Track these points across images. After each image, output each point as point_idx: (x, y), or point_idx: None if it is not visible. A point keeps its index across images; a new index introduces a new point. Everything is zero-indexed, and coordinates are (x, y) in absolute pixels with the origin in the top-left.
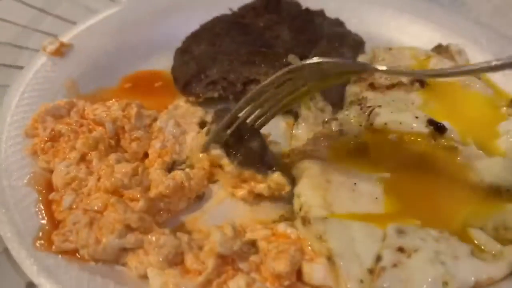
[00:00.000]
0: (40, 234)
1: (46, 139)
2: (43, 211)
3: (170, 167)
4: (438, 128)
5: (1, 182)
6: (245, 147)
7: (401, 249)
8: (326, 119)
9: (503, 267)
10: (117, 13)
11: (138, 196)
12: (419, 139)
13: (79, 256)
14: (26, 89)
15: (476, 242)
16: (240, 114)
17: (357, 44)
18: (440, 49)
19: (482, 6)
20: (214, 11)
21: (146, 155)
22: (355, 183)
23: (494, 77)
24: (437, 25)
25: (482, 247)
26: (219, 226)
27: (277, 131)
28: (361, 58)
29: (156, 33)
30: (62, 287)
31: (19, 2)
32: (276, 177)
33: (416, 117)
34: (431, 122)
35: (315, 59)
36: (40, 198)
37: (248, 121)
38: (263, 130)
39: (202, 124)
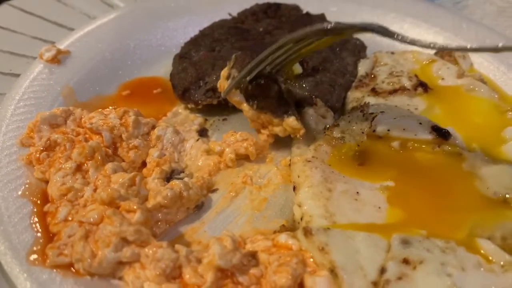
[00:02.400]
0: (34, 247)
1: (42, 148)
2: (37, 224)
3: (169, 176)
4: (442, 134)
5: None
6: (263, 92)
7: (406, 261)
8: (328, 126)
9: None
10: (115, 19)
11: (135, 207)
12: (423, 146)
13: (74, 270)
14: (22, 97)
15: (483, 252)
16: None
17: (358, 48)
18: (443, 53)
19: (485, 8)
20: (213, 16)
21: (144, 164)
22: (357, 192)
23: (499, 81)
24: (440, 28)
25: (490, 258)
26: (218, 238)
27: (278, 138)
28: (363, 63)
29: (154, 39)
30: None
31: (16, 8)
32: (291, 121)
33: (420, 123)
34: (435, 128)
35: (335, 23)
36: (35, 210)
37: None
38: None
39: (201, 132)
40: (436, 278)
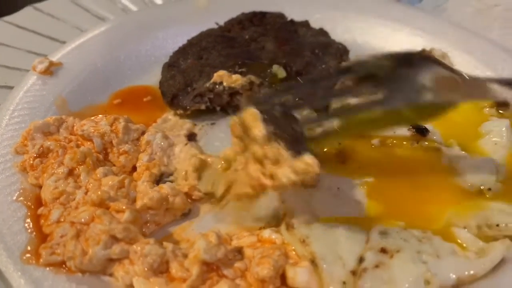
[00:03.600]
0: (29, 247)
1: (35, 155)
2: (31, 226)
3: (159, 179)
4: (420, 131)
5: None
6: (286, 123)
7: (383, 250)
8: (310, 126)
9: (485, 264)
10: (106, 31)
11: (124, 207)
12: (403, 142)
13: (66, 268)
14: (16, 108)
15: (459, 241)
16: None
17: (341, 52)
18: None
19: (464, 10)
20: (201, 26)
21: (134, 168)
22: (338, 188)
23: None
24: (421, 31)
25: (465, 245)
26: (204, 234)
27: None
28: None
29: (144, 50)
30: None
31: (10, 24)
32: (306, 157)
33: None
34: (413, 126)
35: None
36: (29, 213)
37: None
38: None
39: (190, 136)
40: (411, 265)
